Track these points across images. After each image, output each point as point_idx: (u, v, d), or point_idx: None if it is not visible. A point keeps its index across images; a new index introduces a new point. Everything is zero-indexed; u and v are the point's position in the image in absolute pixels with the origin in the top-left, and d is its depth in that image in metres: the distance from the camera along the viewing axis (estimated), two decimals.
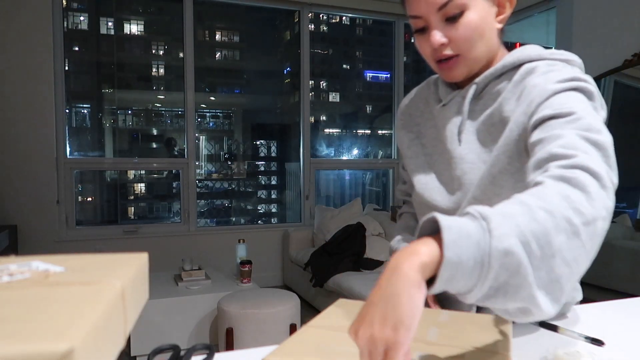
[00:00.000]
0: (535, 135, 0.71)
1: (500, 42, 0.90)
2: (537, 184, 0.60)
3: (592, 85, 0.77)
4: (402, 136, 1.03)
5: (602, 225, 0.57)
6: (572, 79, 0.75)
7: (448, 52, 0.83)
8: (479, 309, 0.88)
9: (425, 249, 0.50)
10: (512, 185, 0.81)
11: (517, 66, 0.85)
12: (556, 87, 0.75)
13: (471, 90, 0.88)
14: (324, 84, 4.96)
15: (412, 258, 0.50)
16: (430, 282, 0.51)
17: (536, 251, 0.51)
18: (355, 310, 0.77)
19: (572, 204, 0.55)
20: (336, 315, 0.75)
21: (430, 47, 0.84)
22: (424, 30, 0.85)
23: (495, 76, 0.86)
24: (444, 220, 0.51)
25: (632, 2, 3.28)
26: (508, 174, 0.81)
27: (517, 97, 0.82)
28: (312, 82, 4.59)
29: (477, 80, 0.87)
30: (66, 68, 3.72)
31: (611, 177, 0.61)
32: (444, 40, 0.82)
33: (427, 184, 0.95)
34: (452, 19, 0.81)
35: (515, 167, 0.81)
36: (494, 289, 0.51)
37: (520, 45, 0.95)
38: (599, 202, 0.56)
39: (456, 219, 0.52)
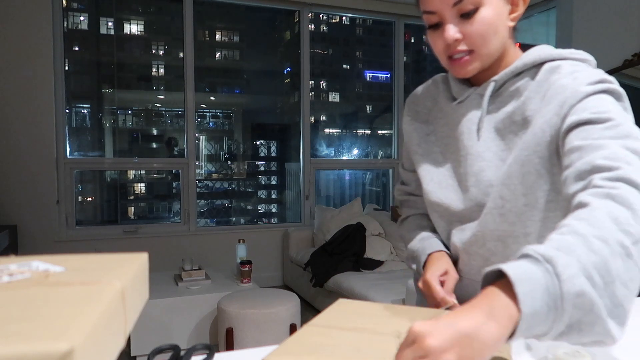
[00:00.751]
0: (572, 141, 0.70)
1: (513, 40, 0.90)
2: (583, 204, 0.60)
3: (619, 87, 0.77)
4: (411, 132, 1.02)
5: None
6: (601, 81, 0.76)
7: (462, 47, 0.83)
8: None
9: (504, 312, 0.50)
10: (540, 186, 0.81)
11: (537, 65, 0.85)
12: (588, 89, 0.74)
13: (490, 87, 0.87)
14: (324, 84, 4.96)
15: (493, 331, 0.49)
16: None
17: (599, 282, 0.52)
18: (355, 309, 0.77)
19: (620, 225, 0.56)
20: (337, 315, 0.75)
21: (444, 43, 0.84)
22: (438, 26, 0.85)
23: (515, 74, 0.86)
24: (513, 273, 0.51)
25: (632, 2, 3.28)
26: (537, 175, 0.81)
27: (541, 96, 0.82)
28: (312, 82, 4.59)
29: (495, 77, 0.87)
30: (66, 68, 3.72)
31: None
32: (458, 35, 0.82)
33: (440, 183, 0.94)
34: (467, 15, 0.81)
35: (546, 168, 0.80)
36: (569, 327, 0.52)
37: (520, 45, 0.95)
38: None
39: (520, 265, 0.52)
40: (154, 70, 4.36)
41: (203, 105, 4.53)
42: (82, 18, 4.12)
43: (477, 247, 0.89)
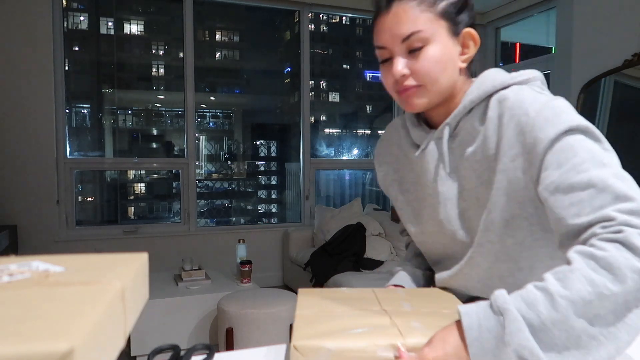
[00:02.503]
0: (557, 205, 0.70)
1: (467, 78, 0.91)
2: (567, 261, 0.64)
3: (585, 121, 0.76)
4: (387, 187, 1.05)
5: (635, 292, 0.59)
6: (566, 123, 0.74)
7: (410, 82, 0.85)
8: (474, 299, 0.90)
9: (456, 353, 0.62)
10: (527, 227, 0.82)
11: (484, 99, 0.85)
12: (550, 134, 0.74)
13: (446, 131, 0.89)
14: (324, 84, 4.96)
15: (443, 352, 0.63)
16: None
17: (559, 337, 0.59)
18: (320, 293, 0.83)
19: (595, 288, 0.59)
20: (312, 299, 0.78)
21: (393, 78, 0.86)
22: (388, 61, 0.87)
23: (465, 113, 0.87)
24: (466, 320, 0.63)
25: (632, 2, 3.28)
26: (521, 218, 0.82)
27: (497, 134, 0.81)
28: (312, 82, 4.59)
29: (448, 120, 0.88)
30: (66, 68, 3.72)
31: (629, 242, 0.61)
32: (405, 71, 0.84)
33: (422, 234, 0.98)
34: (414, 51, 0.83)
35: (529, 212, 0.81)
36: None
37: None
38: (626, 272, 0.59)
39: (478, 311, 0.63)
40: (154, 70, 4.36)
41: (203, 105, 4.53)
42: (82, 18, 4.12)
43: (464, 282, 0.93)
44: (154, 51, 4.39)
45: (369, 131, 5.17)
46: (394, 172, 1.03)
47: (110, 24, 4.19)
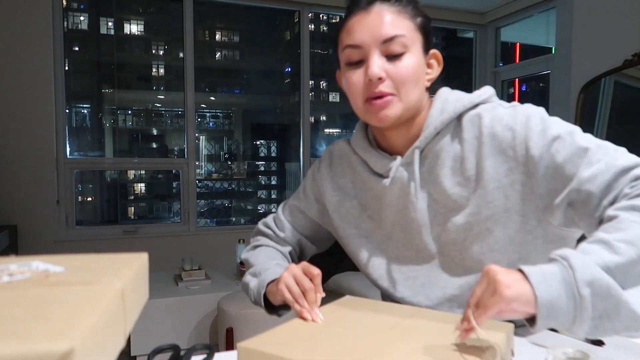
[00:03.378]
0: (576, 170, 0.72)
1: (428, 96, 0.89)
2: (611, 217, 0.65)
3: (534, 107, 0.80)
4: (341, 215, 0.97)
5: None
6: (555, 128, 0.76)
7: (384, 88, 0.80)
8: None
9: (526, 297, 0.58)
10: (529, 242, 0.80)
11: (454, 119, 0.84)
12: (544, 141, 0.76)
13: (416, 154, 0.84)
14: (324, 84, 4.96)
15: (523, 309, 0.58)
16: (532, 321, 0.59)
17: (624, 278, 0.57)
18: (360, 306, 0.78)
19: None
20: (341, 308, 0.75)
21: (364, 81, 0.81)
22: (358, 64, 0.82)
23: (434, 135, 0.84)
24: (526, 268, 0.59)
25: (632, 2, 3.28)
26: (525, 232, 0.80)
27: (479, 156, 0.80)
28: (312, 82, 4.59)
29: (417, 144, 0.84)
30: (66, 68, 3.72)
31: None
32: (382, 73, 0.79)
33: (385, 263, 0.92)
34: (394, 57, 0.79)
35: (532, 225, 0.79)
36: (597, 318, 0.56)
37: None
38: None
39: (539, 265, 0.60)
40: (154, 70, 4.36)
41: (203, 105, 4.53)
42: (82, 18, 4.12)
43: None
44: (154, 51, 4.39)
45: None
46: (352, 199, 0.96)
47: (110, 24, 4.19)
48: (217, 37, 4.68)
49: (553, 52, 3.92)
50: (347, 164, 0.98)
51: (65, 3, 3.75)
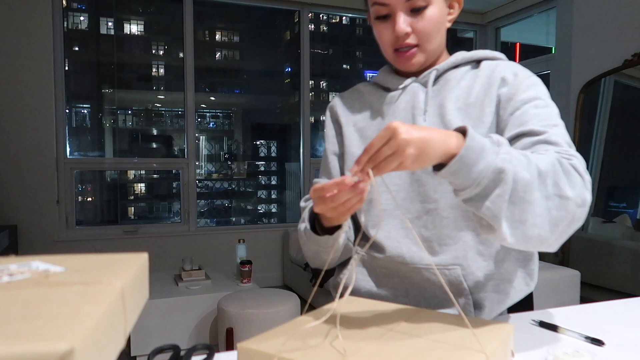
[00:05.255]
0: (521, 124, 0.82)
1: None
2: (542, 152, 0.74)
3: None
4: (349, 136, 1.01)
5: (574, 207, 0.69)
6: (542, 92, 0.87)
7: (410, 41, 0.88)
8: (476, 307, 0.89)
9: (455, 141, 0.65)
10: None
11: (474, 60, 0.94)
12: (529, 95, 0.85)
13: (432, 74, 0.93)
14: (324, 84, 4.96)
15: (441, 148, 0.65)
16: (438, 168, 0.67)
17: (518, 191, 0.66)
18: (360, 306, 0.78)
19: (555, 177, 0.69)
20: (341, 309, 0.75)
21: (392, 35, 0.89)
22: (386, 18, 0.89)
23: (452, 66, 0.94)
24: (471, 130, 0.66)
25: (632, 2, 3.28)
26: None
27: (485, 90, 0.89)
28: (312, 82, 4.59)
29: (437, 66, 0.94)
30: (66, 68, 3.72)
31: (588, 182, 0.74)
32: (408, 29, 0.87)
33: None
34: (417, 10, 0.86)
35: None
36: (480, 196, 0.66)
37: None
38: (578, 191, 0.69)
39: (480, 136, 0.67)
40: (154, 70, 4.36)
41: (203, 105, 4.53)
42: (82, 18, 4.12)
43: (439, 230, 0.91)
44: (154, 51, 4.39)
45: None
46: (354, 124, 1.02)
47: (110, 24, 4.19)
48: (217, 37, 4.68)
49: (553, 52, 3.92)
50: (357, 97, 1.05)
51: (65, 3, 3.75)
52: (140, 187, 4.50)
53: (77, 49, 4.06)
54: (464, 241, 0.88)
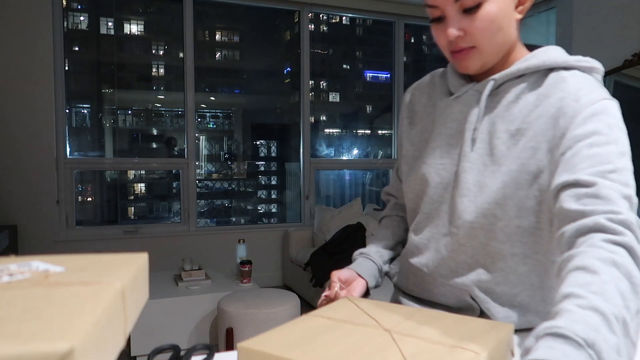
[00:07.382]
0: (566, 201, 0.69)
1: (518, 34, 0.87)
2: (589, 269, 0.59)
3: (618, 110, 0.79)
4: (410, 137, 1.00)
5: None
6: (601, 112, 0.76)
7: (464, 43, 0.81)
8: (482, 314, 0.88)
9: None
10: (535, 212, 0.79)
11: (540, 70, 0.83)
12: (586, 130, 0.74)
13: (489, 85, 0.85)
14: (324, 84, 4.96)
15: None
16: None
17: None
18: (360, 306, 0.78)
19: (625, 301, 0.55)
20: (341, 309, 0.75)
21: (446, 38, 0.82)
22: (440, 20, 0.83)
23: (516, 76, 0.84)
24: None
25: (632, 2, 3.28)
26: (535, 201, 0.79)
27: (540, 111, 0.80)
28: (312, 82, 4.59)
29: (495, 76, 0.85)
30: (66, 68, 3.72)
31: None
32: (459, 33, 0.80)
33: (425, 159, 0.92)
34: (469, 11, 0.79)
35: (518, 196, 0.79)
36: None
37: (527, 46, 0.94)
38: None
39: (564, 351, 0.49)
40: (154, 70, 4.36)
41: (203, 105, 4.53)
42: (82, 18, 4.12)
43: (456, 254, 0.88)
44: (154, 51, 4.38)
45: (369, 131, 5.17)
46: (419, 119, 0.99)
47: (110, 24, 4.19)
48: (217, 37, 4.68)
49: None
50: (427, 88, 1.00)
51: (65, 3, 3.75)
52: (140, 187, 4.50)
53: (77, 48, 4.06)
54: (477, 272, 0.86)
